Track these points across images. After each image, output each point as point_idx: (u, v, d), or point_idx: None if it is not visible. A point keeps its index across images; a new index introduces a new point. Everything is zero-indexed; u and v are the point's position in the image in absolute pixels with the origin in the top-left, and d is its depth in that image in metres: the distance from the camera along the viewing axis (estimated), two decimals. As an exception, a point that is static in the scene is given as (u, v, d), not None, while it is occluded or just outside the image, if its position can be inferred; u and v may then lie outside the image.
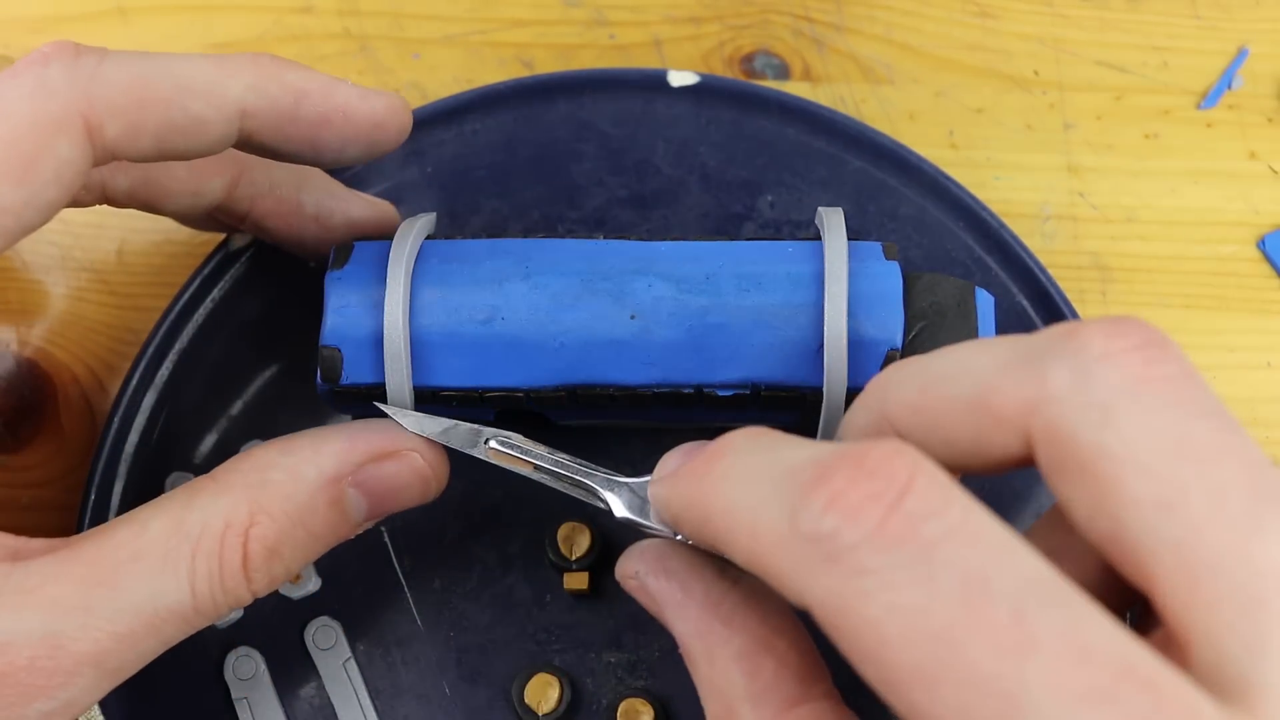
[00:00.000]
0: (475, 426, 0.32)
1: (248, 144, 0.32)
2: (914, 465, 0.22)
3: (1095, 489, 0.22)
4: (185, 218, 0.36)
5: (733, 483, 0.25)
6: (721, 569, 0.28)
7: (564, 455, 0.31)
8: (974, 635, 0.21)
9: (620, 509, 0.30)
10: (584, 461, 0.31)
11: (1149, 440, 0.22)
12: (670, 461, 0.28)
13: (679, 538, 0.29)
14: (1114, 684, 0.20)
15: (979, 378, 0.24)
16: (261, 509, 0.30)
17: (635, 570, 0.28)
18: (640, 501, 0.30)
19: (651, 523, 0.29)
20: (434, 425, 0.32)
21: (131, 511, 0.30)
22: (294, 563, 0.31)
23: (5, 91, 0.29)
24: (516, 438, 0.32)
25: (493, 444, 0.32)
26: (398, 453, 0.32)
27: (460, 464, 0.33)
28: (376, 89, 0.33)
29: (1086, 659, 0.20)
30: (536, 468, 0.31)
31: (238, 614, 0.36)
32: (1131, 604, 0.25)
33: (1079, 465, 0.23)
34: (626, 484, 0.30)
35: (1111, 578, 0.24)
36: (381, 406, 0.32)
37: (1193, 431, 0.22)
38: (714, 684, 0.26)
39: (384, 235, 0.36)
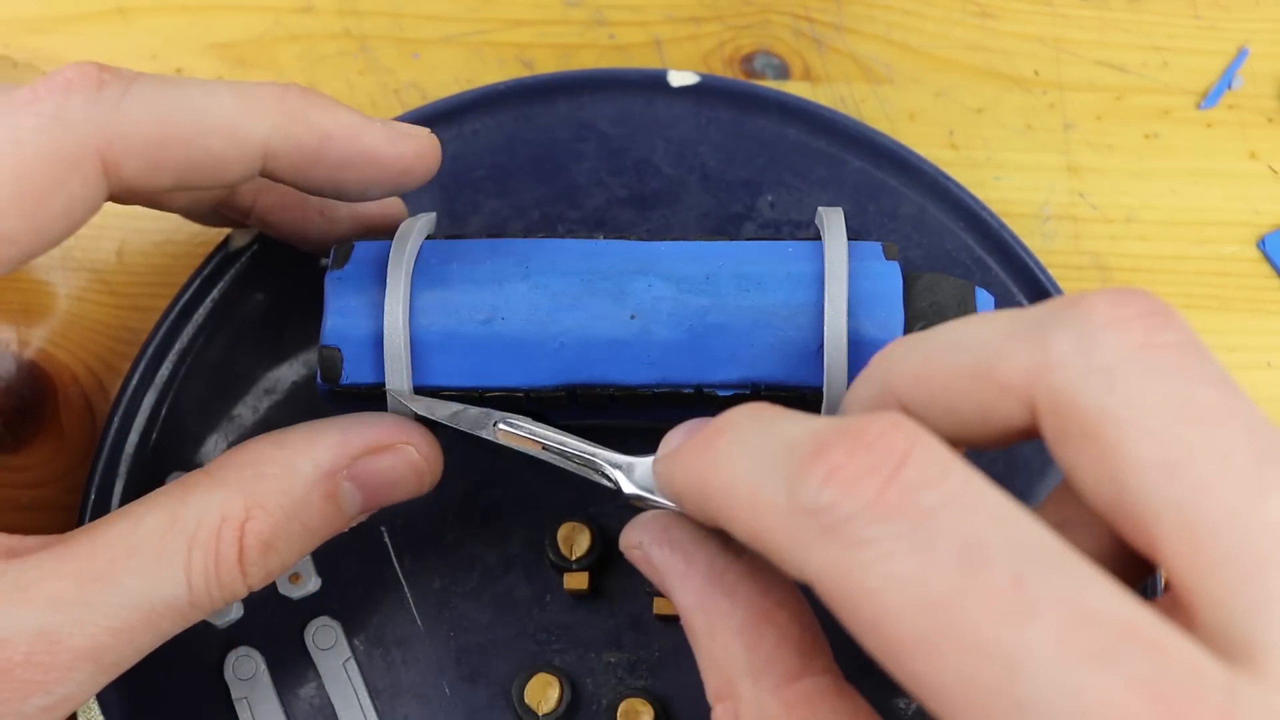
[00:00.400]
0: (485, 410, 0.32)
1: (268, 177, 0.32)
2: (912, 437, 0.22)
3: (1099, 454, 0.22)
4: (190, 213, 0.36)
5: (733, 459, 0.25)
6: (725, 541, 0.27)
7: (571, 436, 0.31)
8: (973, 602, 0.21)
9: (629, 486, 0.30)
10: (591, 442, 0.31)
11: (1152, 404, 0.22)
12: (674, 438, 0.28)
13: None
14: (1116, 645, 0.20)
15: (983, 347, 0.24)
16: (257, 503, 0.30)
17: (639, 540, 0.28)
18: (648, 478, 0.30)
19: (659, 499, 0.29)
20: (444, 409, 0.32)
21: (126, 506, 0.30)
22: (289, 556, 0.31)
23: (24, 120, 0.29)
24: (525, 420, 0.32)
25: (501, 425, 0.32)
26: (392, 446, 0.32)
27: (461, 464, 0.33)
28: (409, 129, 0.32)
29: (1088, 621, 0.20)
30: (545, 447, 0.31)
31: (238, 614, 0.36)
32: (1147, 576, 0.25)
33: (1082, 431, 0.23)
34: (634, 462, 0.30)
35: (1124, 550, 0.24)
36: (390, 391, 0.33)
37: (1196, 395, 0.22)
38: (714, 657, 0.26)
39: (390, 231, 0.36)
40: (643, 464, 0.30)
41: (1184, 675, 0.20)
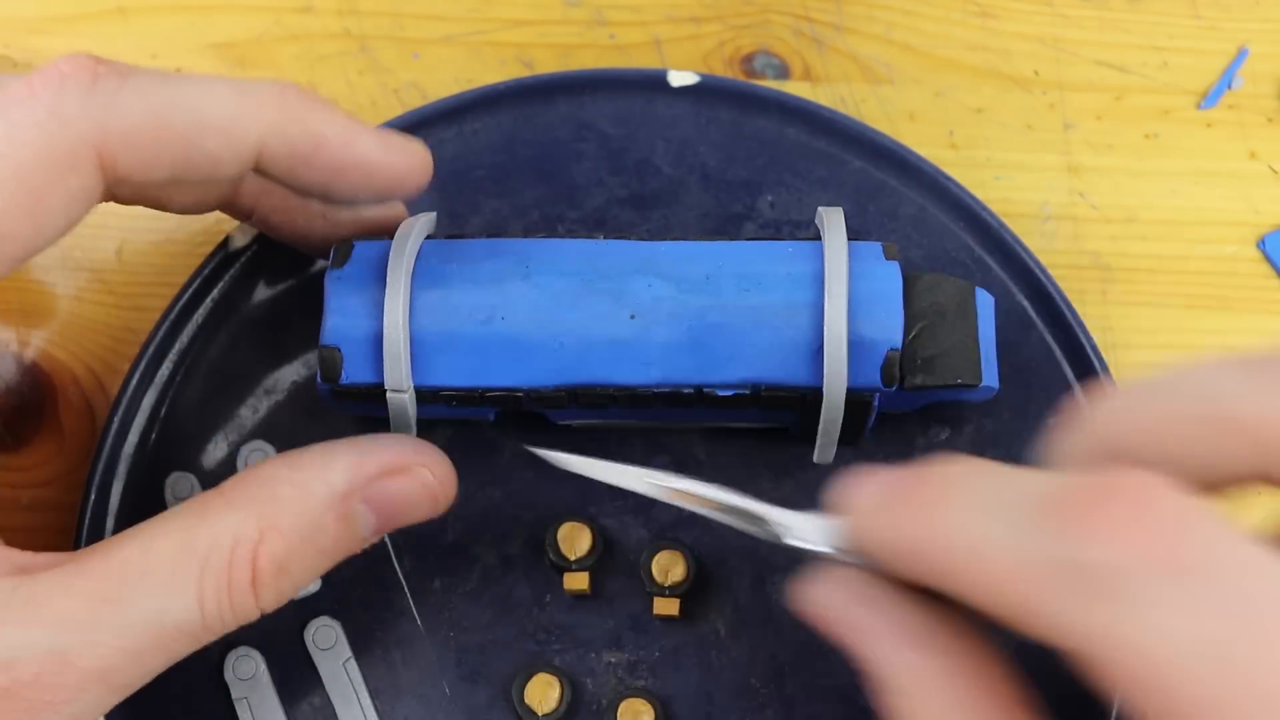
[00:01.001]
0: (640, 470, 0.31)
1: (260, 173, 0.31)
2: (1178, 496, 0.22)
3: None
4: (192, 214, 0.36)
5: (962, 515, 0.24)
6: (924, 598, 0.26)
7: (725, 490, 0.30)
8: (1266, 656, 0.20)
9: (790, 537, 0.28)
10: (745, 494, 0.30)
11: None
12: (865, 493, 0.26)
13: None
14: None
15: (1218, 390, 0.24)
16: (271, 526, 0.30)
17: (831, 601, 0.27)
18: (811, 531, 0.28)
19: (825, 550, 0.28)
20: (593, 468, 0.31)
21: (137, 526, 0.30)
22: (301, 578, 0.31)
23: (19, 116, 0.29)
24: (669, 474, 0.31)
25: (649, 480, 0.30)
26: (407, 468, 0.32)
27: (461, 464, 0.33)
28: (403, 140, 0.32)
29: None
30: (709, 503, 0.30)
31: (238, 614, 0.36)
32: None
33: None
34: (798, 517, 0.28)
35: None
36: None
37: None
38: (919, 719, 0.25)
39: (390, 231, 0.36)
40: (806, 518, 0.28)
41: None
